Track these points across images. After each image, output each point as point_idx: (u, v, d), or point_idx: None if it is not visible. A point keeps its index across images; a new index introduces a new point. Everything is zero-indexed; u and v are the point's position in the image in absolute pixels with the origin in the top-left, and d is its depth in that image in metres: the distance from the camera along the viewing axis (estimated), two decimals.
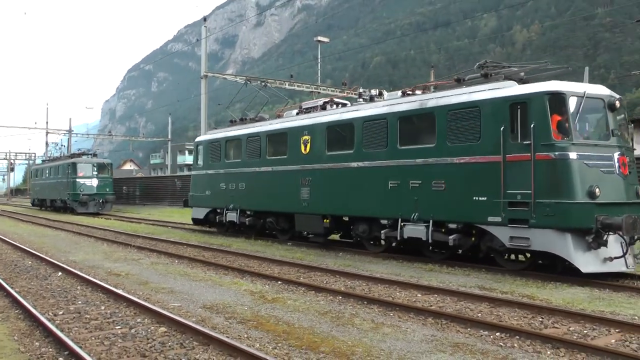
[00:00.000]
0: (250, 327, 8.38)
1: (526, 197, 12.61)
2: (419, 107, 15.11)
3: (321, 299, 10.65)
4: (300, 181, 18.69)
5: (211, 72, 41.56)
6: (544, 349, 7.38)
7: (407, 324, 8.71)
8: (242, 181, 21.58)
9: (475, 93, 13.86)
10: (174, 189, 49.21)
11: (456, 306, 9.96)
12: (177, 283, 12.25)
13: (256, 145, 20.94)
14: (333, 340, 7.66)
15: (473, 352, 7.17)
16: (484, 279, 12.78)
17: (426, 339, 7.79)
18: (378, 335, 7.97)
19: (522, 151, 12.76)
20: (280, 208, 19.87)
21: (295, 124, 19.22)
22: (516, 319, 9.04)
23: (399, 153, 15.47)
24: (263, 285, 12.05)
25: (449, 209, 14.21)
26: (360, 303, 10.20)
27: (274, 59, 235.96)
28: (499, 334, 8.05)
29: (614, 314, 9.45)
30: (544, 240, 12.43)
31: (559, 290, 11.52)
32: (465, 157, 13.83)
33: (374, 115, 16.28)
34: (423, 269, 14.30)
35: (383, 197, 15.84)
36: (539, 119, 12.52)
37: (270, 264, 15.29)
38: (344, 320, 8.81)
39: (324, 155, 17.90)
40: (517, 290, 11.34)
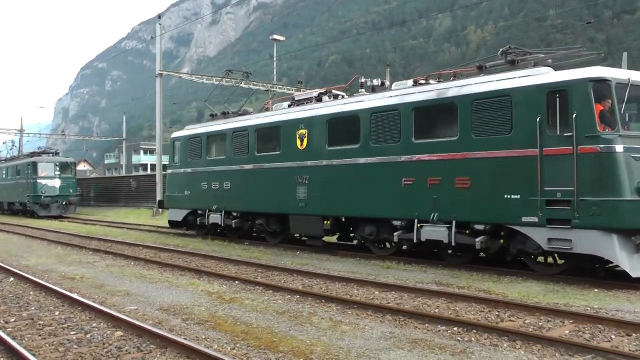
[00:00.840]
0: (208, 328, 8.27)
1: (567, 194, 11.36)
2: (437, 96, 13.72)
3: (279, 298, 10.56)
4: (296, 179, 17.10)
5: (166, 71, 40.52)
6: (500, 342, 7.46)
7: (365, 321, 8.68)
8: (227, 180, 19.83)
9: (505, 81, 12.53)
10: (129, 189, 48.03)
11: (414, 302, 9.94)
12: (133, 285, 12.00)
13: (243, 140, 19.22)
14: (292, 339, 7.61)
15: (431, 347, 7.21)
16: (440, 275, 12.73)
17: (384, 335, 7.78)
18: (336, 333, 7.94)
19: (561, 144, 11.51)
20: (272, 209, 18.23)
21: (289, 117, 17.60)
22: (473, 313, 9.08)
23: (414, 147, 14.05)
24: (220, 286, 11.87)
25: (474, 208, 12.86)
26: (318, 301, 10.11)
27: (229, 58, 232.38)
28: (456, 328, 8.09)
29: (567, 305, 9.61)
30: (588, 242, 11.19)
31: (515, 284, 11.60)
32: (494, 151, 12.51)
33: (384, 106, 14.82)
34: (380, 266, 14.19)
35: (396, 196, 14.40)
36: (582, 108, 11.27)
37: (227, 263, 15.09)
38: (302, 319, 8.76)
39: (324, 150, 16.36)
40: (473, 285, 11.39)
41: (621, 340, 7.59)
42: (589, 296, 10.50)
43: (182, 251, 17.66)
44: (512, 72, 12.72)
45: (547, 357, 6.86)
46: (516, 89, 12.22)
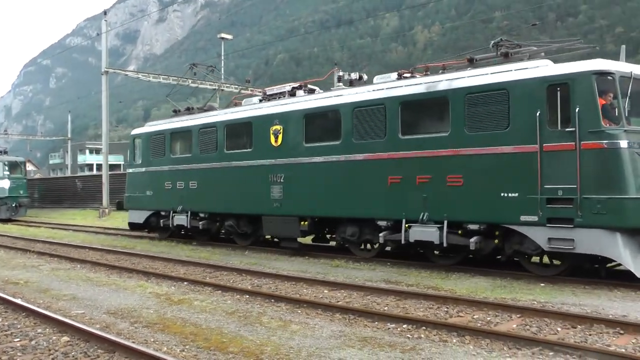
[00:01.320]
0: (157, 330, 8.11)
1: (570, 192, 10.76)
2: (426, 90, 12.94)
3: (228, 298, 10.42)
4: (270, 178, 16.08)
5: (112, 68, 40.16)
6: (450, 337, 7.50)
7: (315, 320, 8.61)
8: (194, 179, 18.62)
9: (501, 74, 11.85)
10: (75, 190, 46.82)
11: (363, 301, 9.92)
12: (79, 289, 11.60)
13: (211, 137, 18.05)
14: (241, 339, 7.53)
15: (381, 345, 7.18)
16: (389, 273, 12.70)
17: (334, 334, 7.74)
18: (286, 333, 7.87)
19: (563, 140, 10.90)
20: (243, 209, 17.15)
21: (262, 113, 16.55)
22: (422, 310, 9.09)
23: (401, 144, 13.24)
24: (169, 287, 11.64)
25: (468, 207, 12.14)
26: (268, 301, 10.02)
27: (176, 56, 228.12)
28: (406, 325, 8.08)
29: (515, 300, 9.73)
30: (591, 241, 10.61)
31: (463, 280, 11.70)
32: (490, 148, 11.82)
33: (367, 100, 13.95)
34: (329, 265, 14.09)
35: (381, 195, 13.57)
36: (585, 102, 10.68)
37: (175, 264, 14.84)
38: (251, 319, 8.67)
39: (301, 147, 15.39)
40: (422, 282, 11.43)
41: (567, 333, 7.75)
42: (536, 290, 10.58)
43: (130, 253, 17.17)
44: (508, 64, 12.06)
45: (496, 351, 6.90)
46: (514, 82, 11.55)
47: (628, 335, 7.55)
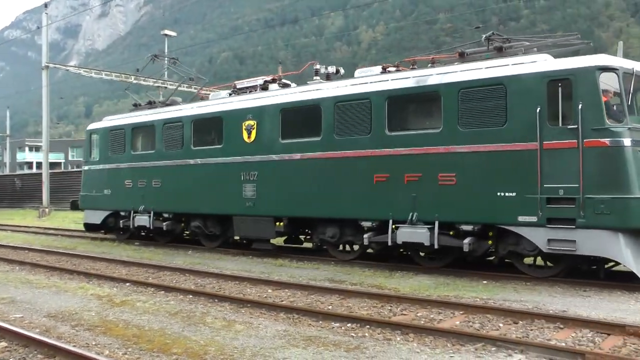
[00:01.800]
0: (99, 333, 7.88)
1: (571, 192, 10.24)
2: (416, 84, 12.21)
3: (171, 299, 10.22)
4: (243, 176, 15.06)
5: (53, 63, 38.69)
6: (394, 335, 7.49)
7: (259, 320, 8.53)
8: (157, 177, 17.37)
9: (498, 68, 11.22)
10: (13, 189, 45.51)
11: (307, 300, 9.85)
12: (18, 292, 11.13)
13: (177, 133, 16.85)
14: (185, 340, 7.40)
15: (325, 344, 7.14)
16: (333, 272, 12.62)
17: (279, 334, 7.67)
18: (230, 333, 7.77)
19: (564, 137, 10.38)
20: (212, 209, 16.04)
21: (234, 107, 15.49)
22: (366, 309, 9.05)
23: (388, 140, 12.48)
24: (111, 289, 11.36)
25: (462, 207, 11.48)
26: (212, 301, 9.87)
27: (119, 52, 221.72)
28: (350, 324, 8.04)
29: (457, 297, 9.79)
30: (594, 243, 10.12)
31: (406, 279, 11.65)
32: (485, 145, 11.20)
33: (351, 95, 13.12)
34: (273, 264, 13.98)
35: (366, 195, 12.77)
36: (588, 98, 10.17)
37: (117, 265, 14.46)
38: (195, 320, 8.53)
39: (277, 144, 14.44)
40: (366, 281, 11.40)
41: (509, 328, 7.84)
42: (478, 288, 10.65)
43: (71, 254, 16.55)
44: (503, 59, 11.45)
45: (439, 348, 6.93)
46: (512, 77, 10.95)
47: (568, 330, 7.69)
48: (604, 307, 8.99)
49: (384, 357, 6.63)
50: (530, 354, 6.66)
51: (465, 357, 6.65)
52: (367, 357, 6.65)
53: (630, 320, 8.01)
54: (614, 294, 9.94)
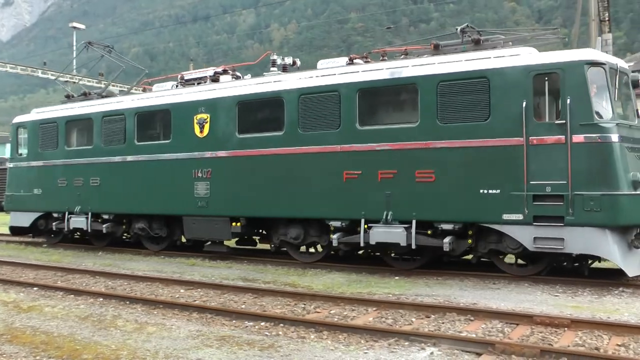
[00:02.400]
0: (4, 341, 7.42)
1: (559, 188, 9.83)
2: (390, 76, 11.44)
3: (81, 302, 9.79)
4: (194, 173, 13.78)
5: None
6: (308, 333, 7.45)
7: (171, 321, 8.34)
8: (96, 175, 15.68)
9: (480, 61, 10.64)
10: None
11: (220, 299, 9.69)
12: None
13: (118, 126, 15.26)
14: (96, 345, 7.10)
15: (239, 344, 7.04)
16: (246, 270, 12.46)
17: (192, 334, 7.52)
18: (143, 335, 7.54)
19: (551, 133, 9.97)
20: (159, 209, 14.61)
21: (184, 99, 14.14)
22: (280, 307, 8.97)
23: (359, 135, 11.64)
24: (17, 294, 10.69)
25: (441, 205, 10.84)
26: (123, 303, 9.60)
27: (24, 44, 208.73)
28: (264, 323, 7.96)
29: (370, 294, 9.78)
30: (582, 240, 9.75)
31: (319, 277, 11.57)
32: (467, 140, 10.60)
33: (318, 87, 12.17)
34: (185, 263, 13.60)
35: (334, 193, 11.89)
36: (577, 93, 9.78)
37: (24, 269, 13.57)
38: (106, 323, 8.24)
39: (233, 138, 13.27)
40: (279, 280, 11.29)
41: (421, 322, 7.93)
42: (390, 284, 10.68)
43: None
44: (485, 51, 10.89)
45: (353, 345, 6.92)
46: (495, 70, 10.40)
47: (478, 321, 7.84)
48: (513, 299, 9.18)
49: (299, 355, 6.56)
50: (442, 346, 6.73)
51: (379, 352, 6.63)
52: (281, 355, 6.58)
53: (538, 310, 8.32)
54: (522, 286, 10.16)
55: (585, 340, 6.96)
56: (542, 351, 6.34)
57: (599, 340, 6.94)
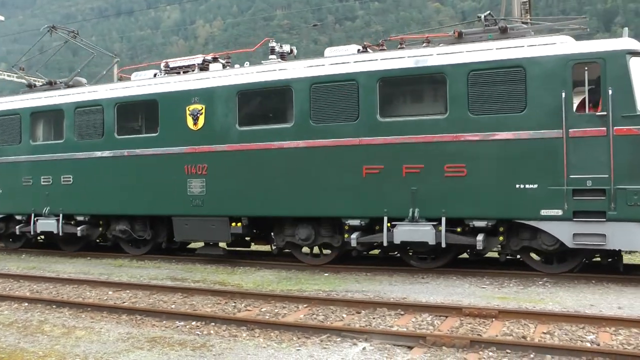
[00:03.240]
0: None
1: (600, 182, 9.35)
2: (415, 65, 10.62)
3: (5, 308, 9.30)
4: (188, 169, 12.48)
5: None
6: (239, 331, 7.36)
7: (100, 324, 8.10)
8: (68, 172, 13.97)
9: (515, 49, 9.99)
10: None
11: (150, 300, 9.48)
12: None
13: (95, 119, 13.64)
14: (22, 352, 6.82)
15: (170, 344, 6.91)
16: (175, 270, 12.19)
17: (122, 337, 7.30)
18: (71, 340, 7.30)
19: (592, 125, 9.45)
20: (145, 210, 13.15)
21: (174, 88, 12.76)
22: (210, 306, 8.84)
23: (380, 127, 10.78)
24: None
25: (474, 201, 10.14)
26: (49, 307, 9.16)
27: None
28: (195, 323, 7.82)
29: (301, 291, 9.74)
30: (625, 236, 9.30)
31: (249, 274, 11.46)
32: (502, 133, 9.95)
33: (333, 75, 11.19)
34: (112, 265, 13.21)
35: (353, 189, 10.97)
36: (619, 84, 9.31)
37: None
38: (32, 329, 7.90)
39: (233, 131, 12.07)
40: (209, 278, 11.10)
41: (352, 318, 7.89)
42: (321, 280, 10.63)
43: None
44: (515, 40, 10.26)
45: (286, 342, 6.85)
46: (532, 60, 9.79)
47: (408, 315, 7.89)
48: (441, 292, 9.29)
49: (231, 354, 6.47)
50: (374, 341, 6.73)
51: (312, 349, 6.59)
52: (213, 354, 6.48)
53: (466, 302, 8.47)
54: (450, 279, 10.28)
55: (513, 329, 7.11)
56: (472, 342, 6.43)
57: (526, 329, 7.12)
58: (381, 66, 10.83)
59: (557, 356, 6.06)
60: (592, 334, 6.89)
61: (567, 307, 8.20)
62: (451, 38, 11.00)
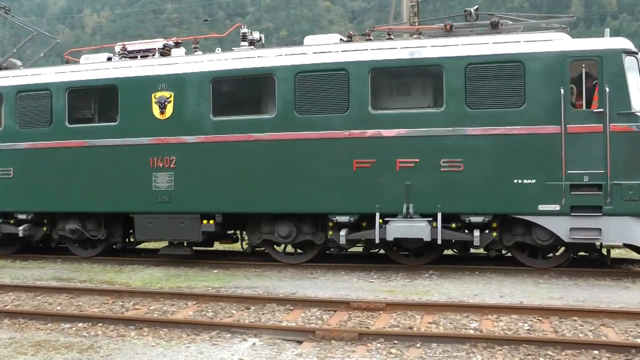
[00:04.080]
0: None
1: (597, 178, 9.42)
2: (409, 56, 10.17)
3: None
4: (153, 162, 11.26)
5: None
6: (127, 331, 7.20)
7: None
8: (7, 165, 12.13)
9: (513, 44, 9.82)
10: None
11: (34, 302, 8.96)
12: None
13: (41, 105, 11.93)
14: None
15: (56, 347, 6.60)
16: (60, 270, 11.63)
17: (4, 343, 6.86)
18: None
19: (589, 121, 9.48)
20: (101, 206, 11.74)
21: (137, 73, 11.44)
22: (97, 306, 8.58)
23: (372, 120, 10.23)
24: None
25: (471, 197, 9.87)
26: None
27: None
28: (81, 324, 7.54)
29: (190, 288, 9.59)
30: (620, 230, 9.42)
31: (137, 272, 11.22)
32: (500, 128, 9.75)
33: (320, 64, 10.48)
34: None
35: (343, 184, 10.34)
36: (614, 82, 9.40)
37: None
38: None
39: (206, 121, 11.02)
40: (95, 278, 10.74)
41: (242, 314, 7.83)
42: (210, 277, 10.50)
43: None
44: (513, 35, 10.10)
45: (175, 340, 6.76)
46: (530, 55, 9.65)
47: (297, 310, 7.88)
48: (330, 287, 9.32)
49: (119, 355, 6.29)
50: (263, 336, 6.71)
51: (201, 345, 6.51)
52: (101, 356, 6.26)
53: (354, 296, 8.57)
54: (339, 275, 10.32)
55: (400, 321, 7.27)
56: (360, 334, 6.53)
57: (412, 320, 7.29)
58: (373, 56, 10.28)
59: (442, 344, 6.21)
60: (476, 322, 7.14)
61: (452, 297, 8.45)
62: (441, 31, 10.66)
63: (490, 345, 6.15)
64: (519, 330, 6.81)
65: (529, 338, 6.33)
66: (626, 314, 7.32)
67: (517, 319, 7.23)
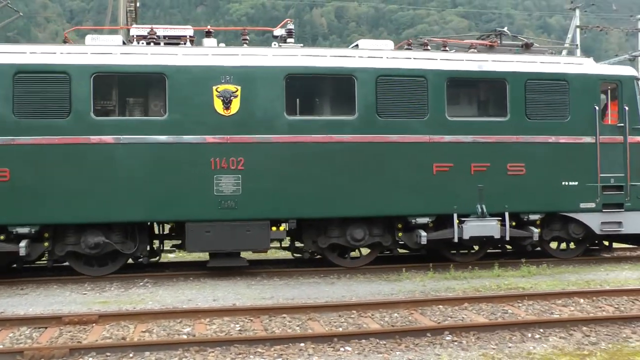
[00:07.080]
0: None
1: (620, 180, 11.25)
2: (479, 69, 10.69)
3: None
4: (215, 164, 9.62)
5: None
6: None
7: None
8: (6, 165, 9.03)
9: (560, 65, 11.10)
10: None
11: None
12: None
13: (55, 91, 9.10)
14: None
15: None
16: None
17: None
18: None
19: (614, 133, 11.26)
20: (141, 215, 9.50)
21: (192, 62, 9.64)
22: None
23: (448, 126, 10.47)
24: None
25: (531, 197, 10.81)
26: None
27: None
28: None
29: None
30: (635, 222, 11.35)
31: None
32: (551, 137, 10.92)
33: (401, 70, 10.29)
34: None
35: (424, 187, 10.32)
36: (630, 102, 11.34)
37: None
38: None
39: (280, 120, 9.86)
40: None
41: None
42: None
43: None
44: (553, 57, 11.39)
45: None
46: (573, 76, 11.01)
47: (5, 330, 7.09)
48: (41, 302, 8.59)
49: None
50: None
51: None
52: None
53: (66, 310, 8.03)
54: (51, 289, 9.44)
55: (113, 332, 6.94)
56: (72, 350, 6.16)
57: (126, 330, 7.00)
58: (449, 66, 10.54)
59: (155, 352, 6.09)
60: (189, 327, 7.08)
61: (166, 304, 8.31)
62: (485, 47, 11.45)
63: (202, 348, 6.14)
64: (231, 331, 6.80)
65: (240, 338, 6.40)
66: (330, 307, 7.76)
67: (230, 321, 7.24)
